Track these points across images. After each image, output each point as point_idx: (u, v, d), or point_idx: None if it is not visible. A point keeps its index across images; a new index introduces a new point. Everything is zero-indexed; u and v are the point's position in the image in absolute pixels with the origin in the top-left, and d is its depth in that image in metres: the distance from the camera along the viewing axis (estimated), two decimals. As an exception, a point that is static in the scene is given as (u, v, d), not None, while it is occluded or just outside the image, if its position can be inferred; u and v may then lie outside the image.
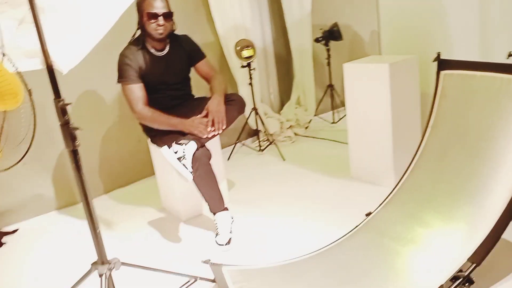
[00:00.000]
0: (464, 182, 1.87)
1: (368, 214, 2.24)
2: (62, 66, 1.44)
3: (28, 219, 2.95)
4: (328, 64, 4.24)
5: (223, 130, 2.40)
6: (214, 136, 2.38)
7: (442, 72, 2.17)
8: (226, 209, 2.44)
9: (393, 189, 2.26)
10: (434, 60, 2.20)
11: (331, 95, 4.37)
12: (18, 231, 2.82)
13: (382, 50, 3.18)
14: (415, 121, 2.84)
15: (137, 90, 2.46)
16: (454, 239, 1.76)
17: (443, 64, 2.17)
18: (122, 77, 2.45)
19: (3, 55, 1.23)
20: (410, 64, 2.73)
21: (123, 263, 1.64)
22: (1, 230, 2.78)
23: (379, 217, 2.18)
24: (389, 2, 3.02)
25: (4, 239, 2.71)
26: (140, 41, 2.50)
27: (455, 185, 1.90)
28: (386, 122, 2.68)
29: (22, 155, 1.32)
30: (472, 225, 1.75)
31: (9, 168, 1.34)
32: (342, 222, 2.37)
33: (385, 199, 2.25)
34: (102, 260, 1.58)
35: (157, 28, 2.41)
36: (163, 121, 2.43)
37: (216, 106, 2.40)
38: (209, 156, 2.38)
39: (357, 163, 2.98)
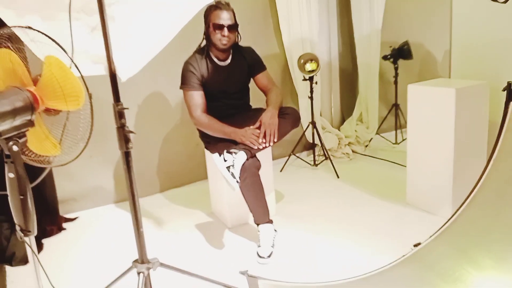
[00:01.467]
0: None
1: (416, 245, 2.13)
2: (122, 74, 1.54)
3: (88, 209, 3.15)
4: (395, 82, 4.10)
5: (275, 142, 2.41)
6: (265, 147, 2.40)
7: (512, 103, 2.02)
8: (271, 221, 2.45)
9: (447, 221, 2.13)
10: (504, 90, 2.05)
11: (396, 115, 4.22)
12: (78, 219, 3.03)
13: (452, 73, 3.03)
14: (480, 151, 2.66)
15: (197, 97, 2.55)
16: (504, 284, 1.63)
17: (514, 94, 2.02)
18: (184, 84, 2.56)
19: (72, 61, 1.34)
20: (479, 90, 2.57)
21: (161, 264, 1.70)
22: (63, 216, 3.00)
23: (428, 249, 2.06)
24: (463, 22, 2.86)
25: (65, 225, 2.93)
26: (204, 50, 2.60)
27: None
28: (448, 150, 2.54)
29: (79, 153, 1.42)
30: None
31: (65, 164, 1.45)
32: (390, 249, 2.29)
33: (437, 231, 2.13)
34: (142, 259, 1.65)
35: (221, 38, 2.49)
36: (218, 129, 2.49)
37: (269, 118, 2.42)
38: (258, 167, 2.40)
39: (414, 189, 2.85)
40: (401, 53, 3.97)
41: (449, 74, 3.06)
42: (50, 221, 2.85)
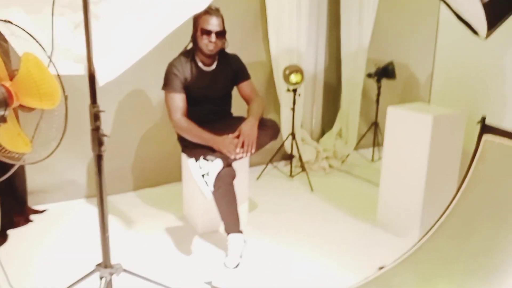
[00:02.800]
0: (486, 256, 1.76)
1: (381, 268, 2.17)
2: (100, 78, 1.52)
3: (58, 201, 3.10)
4: (377, 101, 4.16)
5: (252, 154, 2.42)
6: (241, 157, 2.40)
7: (485, 137, 2.07)
8: (241, 232, 2.45)
9: (412, 247, 2.18)
10: (479, 123, 2.10)
11: (375, 132, 4.28)
12: (46, 211, 2.97)
13: (432, 97, 3.09)
14: (451, 178, 2.72)
15: (178, 100, 2.53)
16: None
17: (487, 129, 2.07)
18: (167, 85, 2.54)
19: (50, 60, 1.31)
20: (456, 119, 2.63)
21: (124, 270, 1.68)
22: (31, 207, 2.94)
23: (391, 273, 2.10)
24: (447, 47, 2.92)
25: (32, 217, 2.86)
26: (190, 54, 2.59)
27: (476, 257, 1.80)
28: (420, 174, 2.59)
29: (50, 153, 1.40)
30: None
31: (35, 162, 1.43)
32: (355, 269, 2.32)
33: (401, 256, 2.17)
34: (105, 263, 1.63)
35: (208, 44, 2.48)
36: (196, 134, 2.48)
37: (249, 128, 2.42)
38: (233, 176, 2.40)
39: (384, 209, 2.89)
40: (386, 72, 4.02)
41: (429, 99, 3.12)
42: (18, 211, 2.79)
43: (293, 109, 3.59)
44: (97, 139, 1.53)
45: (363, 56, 4.04)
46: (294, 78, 3.44)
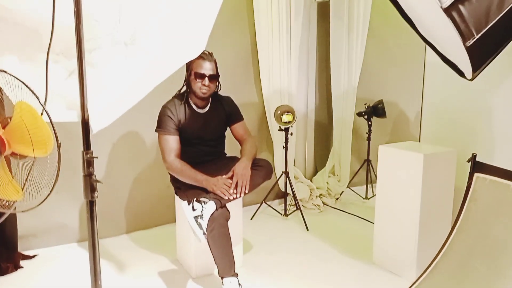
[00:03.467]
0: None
1: (379, 310, 2.13)
2: (94, 125, 1.53)
3: (49, 246, 3.03)
4: (368, 138, 4.21)
5: (245, 194, 2.42)
6: (235, 198, 2.40)
7: (476, 175, 2.10)
8: (236, 275, 2.40)
9: (410, 287, 2.15)
10: (469, 161, 2.13)
11: (367, 170, 4.30)
12: (37, 256, 2.90)
13: (422, 135, 3.13)
14: (445, 216, 2.72)
15: (172, 141, 2.55)
16: None
17: (478, 167, 2.10)
18: (160, 127, 2.56)
19: (43, 108, 1.33)
20: (447, 157, 2.66)
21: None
22: (21, 253, 2.87)
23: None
24: (434, 89, 2.99)
25: (22, 263, 2.79)
26: (184, 96, 2.63)
27: (473, 299, 1.78)
28: (414, 212, 2.59)
29: (41, 201, 1.39)
30: None
31: (27, 210, 1.41)
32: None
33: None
34: (96, 312, 1.59)
35: (201, 87, 2.53)
36: (190, 175, 2.48)
37: (242, 169, 2.43)
38: (227, 218, 2.39)
39: (380, 248, 2.87)
40: (376, 111, 4.09)
41: (419, 137, 3.16)
42: (7, 258, 2.72)
43: (285, 148, 3.62)
44: (90, 185, 1.52)
45: (353, 95, 4.13)
46: (285, 118, 3.49)
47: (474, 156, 2.11)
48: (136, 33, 1.66)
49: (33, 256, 2.90)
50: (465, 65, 1.74)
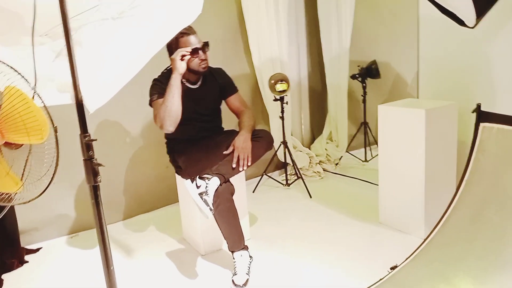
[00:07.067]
0: (499, 248, 1.74)
1: (393, 268, 2.12)
2: (89, 105, 1.46)
3: (52, 238, 2.98)
4: (364, 101, 4.16)
5: (248, 166, 2.37)
6: (238, 172, 2.35)
7: (482, 125, 2.06)
8: (246, 247, 2.38)
9: (422, 243, 2.14)
10: (474, 111, 2.10)
11: (365, 132, 4.27)
12: (41, 250, 2.85)
13: (420, 93, 3.09)
14: (450, 170, 2.70)
15: None
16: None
17: (483, 116, 2.06)
18: (152, 95, 2.43)
19: (34, 91, 1.25)
20: (448, 111, 2.62)
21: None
22: (25, 247, 2.82)
23: (404, 273, 2.06)
24: (430, 44, 2.93)
25: (27, 257, 2.75)
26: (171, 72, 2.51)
27: (489, 250, 1.77)
28: (419, 169, 2.57)
29: (43, 190, 1.33)
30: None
31: (29, 201, 1.35)
32: (365, 272, 2.26)
33: (412, 254, 2.13)
34: (112, 298, 1.55)
35: (200, 63, 2.42)
36: (167, 97, 2.30)
37: (242, 142, 2.37)
38: (232, 192, 2.35)
39: (386, 208, 2.86)
40: (369, 72, 4.03)
41: (417, 94, 3.12)
42: (11, 254, 2.67)
43: (282, 118, 3.56)
44: (92, 170, 1.46)
45: (345, 58, 4.04)
46: (280, 86, 3.41)
47: (479, 106, 2.06)
48: (123, 6, 1.57)
49: (37, 250, 2.85)
50: (468, 11, 1.68)
